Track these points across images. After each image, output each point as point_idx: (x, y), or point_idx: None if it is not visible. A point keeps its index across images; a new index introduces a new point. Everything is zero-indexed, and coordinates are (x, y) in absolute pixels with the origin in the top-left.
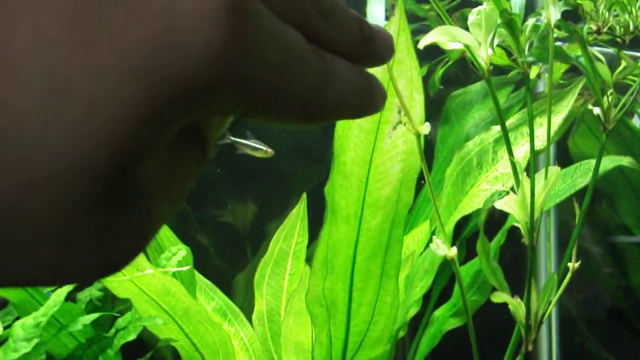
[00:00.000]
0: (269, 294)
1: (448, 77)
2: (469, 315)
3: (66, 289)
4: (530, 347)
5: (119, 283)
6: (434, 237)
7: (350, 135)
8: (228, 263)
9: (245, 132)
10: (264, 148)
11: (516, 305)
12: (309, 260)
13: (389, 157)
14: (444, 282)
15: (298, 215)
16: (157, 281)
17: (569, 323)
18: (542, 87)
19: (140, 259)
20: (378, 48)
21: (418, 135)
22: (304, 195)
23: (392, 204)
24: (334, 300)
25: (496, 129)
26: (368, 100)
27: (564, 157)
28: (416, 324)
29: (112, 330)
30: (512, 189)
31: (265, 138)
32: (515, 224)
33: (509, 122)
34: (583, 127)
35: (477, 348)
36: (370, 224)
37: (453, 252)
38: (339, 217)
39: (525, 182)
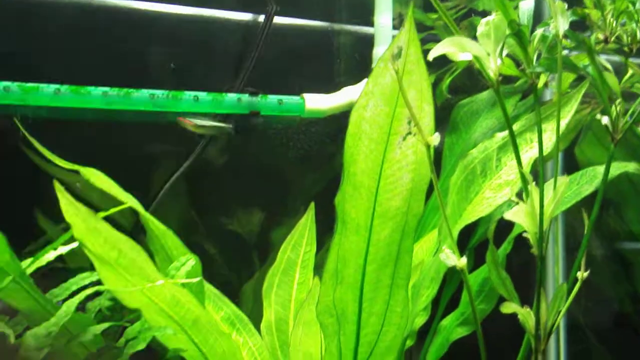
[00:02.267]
0: (278, 304)
1: (455, 85)
2: (478, 324)
3: (77, 298)
4: (540, 358)
5: (128, 293)
6: (443, 247)
7: (360, 145)
8: (235, 272)
9: (196, 115)
10: (225, 125)
11: (526, 316)
12: (317, 269)
13: (399, 167)
14: (451, 291)
15: (306, 224)
16: (167, 291)
17: (576, 330)
18: (548, 95)
19: (149, 269)
20: None
21: (428, 146)
22: (312, 205)
23: (402, 214)
24: (344, 311)
25: (500, 135)
26: None
27: (571, 165)
28: (423, 334)
29: (122, 340)
30: (518, 195)
31: (272, 146)
32: (525, 234)
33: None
34: (590, 135)
35: (486, 357)
36: (380, 235)
37: (463, 261)
38: (349, 228)
39: (534, 193)
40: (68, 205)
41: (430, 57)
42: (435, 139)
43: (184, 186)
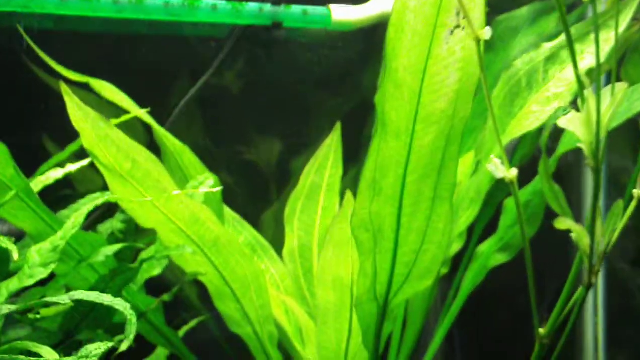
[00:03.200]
0: (301, 230)
1: (491, 5)
2: (527, 243)
3: (86, 209)
4: (593, 280)
5: (143, 210)
6: (492, 156)
7: (403, 39)
8: (252, 204)
9: None
10: None
11: (580, 233)
12: (342, 196)
13: (445, 65)
14: (487, 217)
15: (331, 145)
16: (185, 208)
17: (613, 273)
18: (590, 14)
19: (166, 182)
20: None
21: (478, 41)
22: (338, 125)
23: (448, 118)
24: (381, 226)
25: (547, 46)
26: None
27: None
28: (456, 262)
29: (137, 263)
30: (571, 104)
31: (293, 69)
32: (579, 145)
33: (558, 41)
34: (637, 56)
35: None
36: (423, 141)
37: (513, 172)
38: (389, 132)
39: (591, 99)
40: (75, 110)
41: None
42: (486, 33)
43: (198, 111)
